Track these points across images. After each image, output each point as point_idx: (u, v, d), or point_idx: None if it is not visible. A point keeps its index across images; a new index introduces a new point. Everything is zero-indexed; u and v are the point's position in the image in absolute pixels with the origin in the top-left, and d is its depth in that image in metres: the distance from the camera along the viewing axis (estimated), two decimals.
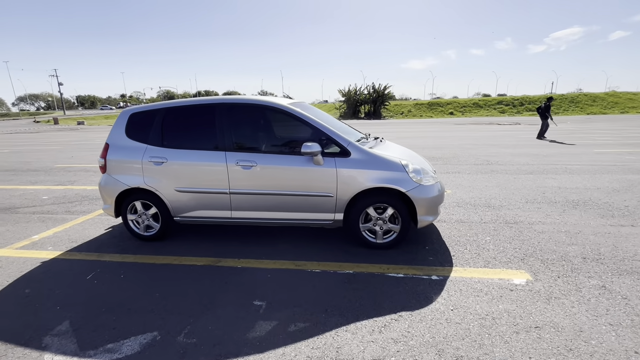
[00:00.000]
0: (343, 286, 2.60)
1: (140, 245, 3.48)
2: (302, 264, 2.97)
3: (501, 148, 10.23)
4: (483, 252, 3.10)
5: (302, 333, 2.08)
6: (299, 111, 3.18)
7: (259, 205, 3.25)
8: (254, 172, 3.16)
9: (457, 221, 3.92)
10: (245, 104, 3.29)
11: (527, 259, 2.94)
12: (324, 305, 2.37)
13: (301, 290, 2.57)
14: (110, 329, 2.17)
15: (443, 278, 2.68)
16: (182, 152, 3.31)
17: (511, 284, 2.56)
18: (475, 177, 6.25)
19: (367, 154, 3.08)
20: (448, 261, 2.95)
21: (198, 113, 3.37)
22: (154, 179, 3.35)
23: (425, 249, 3.22)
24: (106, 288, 2.68)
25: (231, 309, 2.35)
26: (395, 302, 2.37)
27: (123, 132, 3.48)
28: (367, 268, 2.87)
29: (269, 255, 3.15)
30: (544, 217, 3.96)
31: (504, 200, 4.71)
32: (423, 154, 9.23)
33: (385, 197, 3.06)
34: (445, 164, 7.76)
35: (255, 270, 2.90)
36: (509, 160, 7.92)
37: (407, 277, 2.70)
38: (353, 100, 39.21)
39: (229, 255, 3.19)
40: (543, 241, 3.29)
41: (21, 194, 5.85)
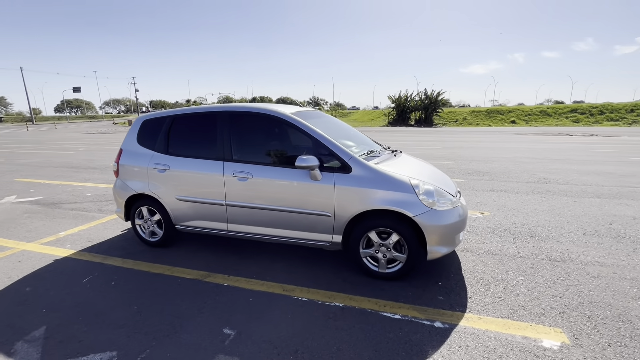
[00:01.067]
0: (326, 323, 2.27)
1: (144, 251, 3.51)
2: (291, 290, 2.69)
3: (566, 164, 8.85)
4: (510, 297, 2.52)
5: None
6: (299, 120, 2.93)
7: (254, 220, 3.06)
8: (249, 184, 2.98)
9: (487, 252, 3.32)
10: (244, 112, 3.14)
11: (569, 313, 2.30)
12: (296, 344, 2.06)
13: (279, 322, 2.30)
14: (76, 342, 2.11)
15: (449, 326, 2.19)
16: (183, 160, 3.26)
17: (538, 346, 2.00)
18: (525, 197, 5.39)
19: (371, 171, 2.71)
20: (461, 304, 2.44)
21: (201, 121, 3.31)
22: (157, 186, 3.35)
23: (437, 284, 2.73)
24: (94, 294, 2.69)
25: (197, 336, 2.16)
26: (379, 351, 1.98)
27: (135, 138, 3.56)
28: (361, 302, 2.49)
29: (260, 275, 2.93)
30: (604, 257, 3.17)
31: (555, 229, 3.91)
32: (468, 167, 8.38)
33: (390, 221, 2.65)
34: (492, 179, 6.88)
35: (240, 291, 2.70)
36: (573, 179, 6.76)
37: (404, 320, 2.27)
38: (403, 106, 37.83)
39: (221, 270, 3.03)
40: (597, 290, 2.59)
41: (72, 190, 6.45)
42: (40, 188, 6.66)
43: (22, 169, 9.14)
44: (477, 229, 3.96)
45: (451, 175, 7.36)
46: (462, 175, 7.32)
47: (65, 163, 10.12)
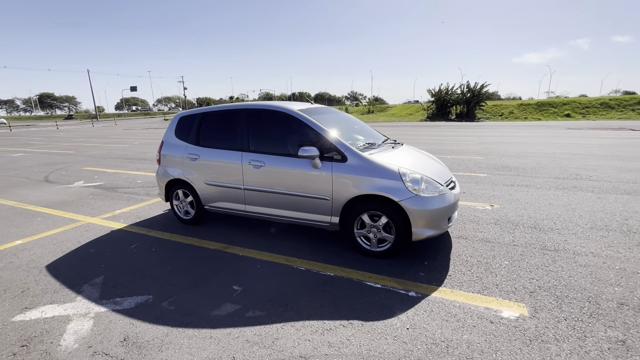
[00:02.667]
0: (316, 287, 2.70)
1: (180, 227, 4.18)
2: (293, 261, 3.16)
3: (610, 160, 8.29)
4: (487, 277, 2.75)
5: (254, 320, 2.29)
6: (304, 116, 3.36)
7: (266, 202, 3.56)
8: (262, 171, 3.48)
9: (481, 240, 3.50)
10: (259, 110, 3.63)
11: (539, 293, 2.50)
12: (288, 300, 2.52)
13: (278, 283, 2.77)
14: (124, 287, 2.77)
15: (421, 296, 2.51)
16: (211, 150, 3.85)
17: (496, 315, 2.25)
18: (546, 192, 5.32)
19: (364, 160, 3.06)
20: (439, 280, 2.73)
21: (226, 117, 3.87)
22: (190, 172, 3.99)
23: (423, 264, 3.02)
24: (139, 256, 3.37)
25: (213, 289, 2.71)
26: (355, 310, 2.37)
27: (173, 132, 4.24)
28: (349, 274, 2.88)
29: (270, 248, 3.43)
30: (602, 249, 3.21)
31: (562, 222, 3.94)
32: (497, 162, 8.22)
33: (380, 205, 2.99)
34: (517, 175, 6.76)
35: (251, 260, 3.21)
36: (609, 176, 6.42)
37: (383, 289, 2.63)
38: (443, 100, 36.49)
39: (238, 243, 3.58)
40: (578, 276, 2.72)
41: (126, 177, 7.52)
42: (102, 175, 7.83)
43: (89, 160, 10.64)
44: (480, 219, 4.11)
45: (476, 170, 7.34)
46: (487, 170, 7.25)
47: (122, 155, 11.54)
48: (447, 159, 8.90)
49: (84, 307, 2.50)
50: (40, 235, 4.03)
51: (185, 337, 2.14)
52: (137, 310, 2.45)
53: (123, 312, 2.42)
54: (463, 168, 7.61)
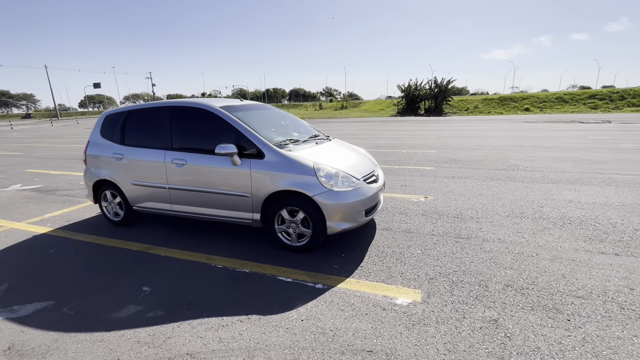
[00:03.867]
0: (228, 284, 2.71)
1: (109, 229, 4.06)
2: (213, 259, 3.15)
3: (550, 151, 8.84)
4: (395, 267, 2.87)
5: (153, 320, 2.27)
6: (225, 113, 3.34)
7: (190, 201, 3.52)
8: (184, 169, 3.43)
9: (404, 231, 3.65)
10: (181, 107, 3.58)
11: (437, 279, 2.64)
12: (193, 298, 2.52)
13: (190, 282, 2.76)
14: (26, 294, 2.66)
15: (327, 287, 2.59)
16: (135, 149, 3.75)
17: (390, 302, 2.36)
18: (481, 183, 5.60)
19: (281, 157, 3.10)
20: (349, 271, 2.82)
21: (149, 115, 3.78)
22: (116, 173, 3.87)
23: (340, 256, 3.11)
24: (54, 261, 3.24)
25: (122, 292, 2.65)
26: (257, 305, 2.40)
27: (99, 131, 4.09)
28: (265, 269, 2.91)
29: (194, 248, 3.40)
30: (510, 235, 3.43)
31: (484, 212, 4.17)
32: (447, 155, 8.54)
33: (297, 201, 3.04)
34: (462, 167, 7.06)
35: (173, 260, 3.18)
36: (543, 167, 6.85)
37: (293, 283, 2.68)
38: (412, 96, 37.37)
39: (163, 244, 3.52)
40: (478, 262, 2.90)
41: (69, 179, 7.17)
42: (44, 178, 7.42)
43: (35, 161, 10.04)
44: (409, 211, 4.28)
45: (425, 163, 7.59)
46: (435, 164, 7.52)
47: (73, 155, 10.98)
48: (403, 153, 9.16)
49: None
50: None
51: (75, 341, 2.10)
52: (33, 317, 2.36)
53: (16, 320, 2.33)
54: (414, 162, 7.85)
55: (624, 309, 2.19)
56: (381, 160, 8.08)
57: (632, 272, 2.64)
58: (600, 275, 2.61)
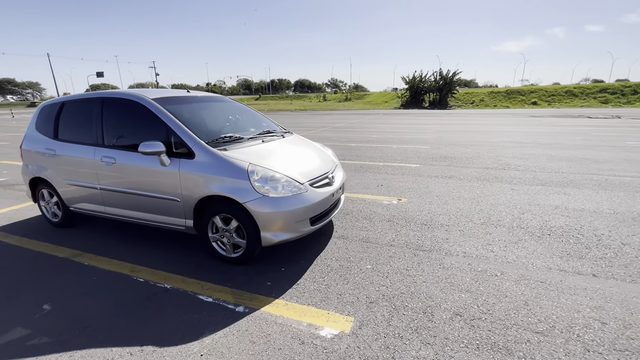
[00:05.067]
0: (141, 303, 2.37)
1: (47, 230, 3.74)
2: (138, 270, 2.81)
3: (548, 149, 8.32)
4: (336, 285, 2.50)
5: (32, 349, 1.95)
6: (156, 105, 2.96)
7: (121, 203, 3.18)
8: (114, 168, 3.08)
9: (361, 240, 3.27)
10: (113, 98, 3.21)
11: (378, 304, 2.27)
12: (92, 321, 2.18)
13: (102, 299, 2.43)
14: None
15: (248, 311, 2.23)
16: (66, 145, 3.41)
17: (313, 334, 2.00)
18: (464, 184, 5.17)
19: (214, 157, 2.72)
20: (281, 290, 2.46)
21: (82, 107, 3.42)
22: (48, 170, 3.54)
23: (280, 270, 2.75)
24: None
25: (17, 309, 2.34)
26: (162, 332, 2.06)
27: (34, 124, 3.74)
28: (190, 285, 2.57)
29: (125, 256, 3.06)
30: (477, 247, 3.04)
31: (457, 218, 3.76)
32: (438, 152, 8.08)
33: (229, 207, 2.68)
34: (450, 165, 6.62)
35: (94, 270, 2.85)
36: (536, 166, 6.37)
37: (213, 304, 2.33)
38: (417, 88, 36.49)
39: (95, 251, 3.20)
40: (431, 281, 2.51)
41: None
42: (14, 170, 7.15)
43: (16, 152, 9.81)
44: (375, 216, 3.89)
45: (412, 160, 7.16)
46: (423, 161, 7.08)
47: None
48: (392, 149, 8.71)
49: None
50: None
51: None
52: None
53: None
54: (401, 158, 7.42)
55: (588, 350, 1.80)
56: (367, 157, 7.66)
57: (607, 300, 2.23)
58: (570, 303, 2.21)
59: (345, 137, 11.63)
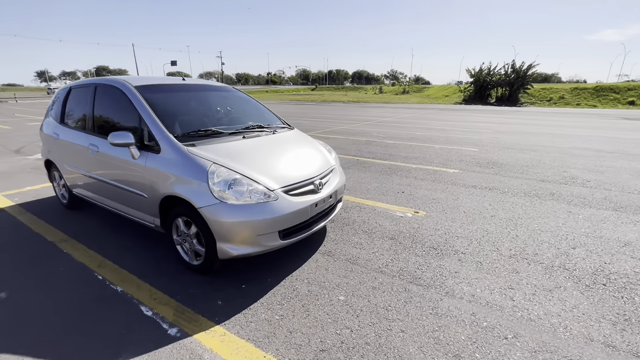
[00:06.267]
0: (85, 305, 2.22)
1: (57, 211, 3.89)
2: (105, 265, 2.69)
3: (636, 161, 6.68)
4: (292, 318, 2.07)
5: None
6: (134, 93, 2.77)
7: (104, 193, 3.10)
8: (97, 156, 3.00)
9: (347, 260, 2.76)
10: (102, 84, 3.12)
11: (330, 355, 1.79)
12: (32, 319, 2.07)
13: (54, 295, 2.33)
14: None
15: (179, 336, 1.93)
16: (67, 130, 3.44)
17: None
18: (506, 200, 4.27)
19: (178, 152, 2.44)
20: (227, 315, 2.11)
21: (82, 93, 3.40)
22: (55, 153, 3.64)
23: (240, 287, 2.40)
24: None
25: None
26: (81, 346, 1.86)
27: (51, 108, 3.88)
28: (141, 290, 2.35)
29: (105, 247, 2.99)
30: (493, 292, 2.34)
31: (480, 245, 3.03)
32: (487, 156, 7.01)
33: (189, 211, 2.39)
34: (496, 174, 5.62)
35: (68, 258, 2.80)
36: (614, 183, 5.07)
37: (150, 319, 2.07)
38: (483, 82, 33.07)
39: (83, 239, 3.18)
40: (411, 334, 1.94)
41: None
42: None
43: None
44: (380, 229, 3.32)
45: (452, 164, 6.27)
46: (465, 166, 6.15)
47: None
48: (434, 149, 7.80)
49: None
50: None
51: None
52: None
53: None
54: (439, 161, 6.54)
55: None
56: (401, 156, 6.93)
57: None
58: None
59: (386, 132, 10.83)
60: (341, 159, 6.67)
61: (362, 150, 7.60)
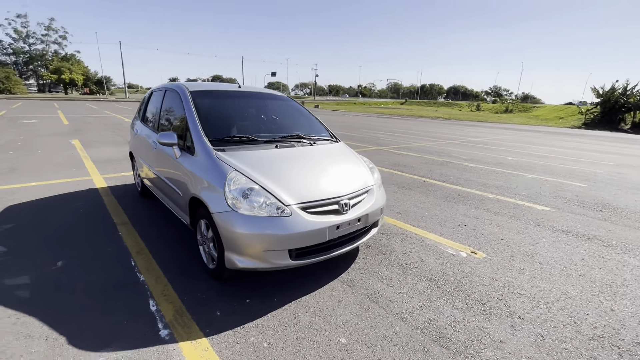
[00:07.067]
0: (109, 289, 2.41)
1: (132, 197, 4.48)
2: (142, 254, 2.91)
3: None
4: (280, 351, 1.86)
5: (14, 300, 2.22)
6: (187, 96, 2.99)
7: (160, 186, 3.39)
8: (155, 153, 3.32)
9: (369, 296, 2.40)
10: (168, 88, 3.46)
11: None
12: (70, 291, 2.33)
13: (93, 273, 2.60)
14: (28, 233, 3.15)
15: (167, 339, 1.91)
16: (143, 127, 3.93)
17: None
18: (612, 257, 3.25)
19: (207, 156, 2.50)
20: (220, 328, 2.01)
21: (156, 95, 3.84)
22: (133, 146, 4.20)
23: (244, 302, 2.30)
24: (65, 213, 3.76)
25: (43, 258, 2.77)
26: (83, 328, 1.99)
27: (139, 108, 4.51)
28: (156, 285, 2.44)
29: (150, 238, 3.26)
30: None
31: (553, 314, 2.30)
32: (599, 194, 5.76)
33: (209, 214, 2.40)
34: (604, 219, 4.39)
35: (118, 241, 3.13)
36: None
37: (151, 314, 2.12)
38: (614, 103, 27.20)
39: (139, 223, 3.55)
40: None
41: None
42: None
43: None
44: (420, 266, 2.84)
45: (541, 199, 5.19)
46: (562, 204, 4.99)
47: None
48: (525, 179, 6.60)
49: None
50: (43, 182, 4.97)
51: None
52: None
53: None
54: (527, 194, 5.46)
55: None
56: (478, 183, 6.03)
57: None
58: None
59: (469, 154, 9.67)
60: (404, 178, 6.15)
61: (434, 171, 6.89)
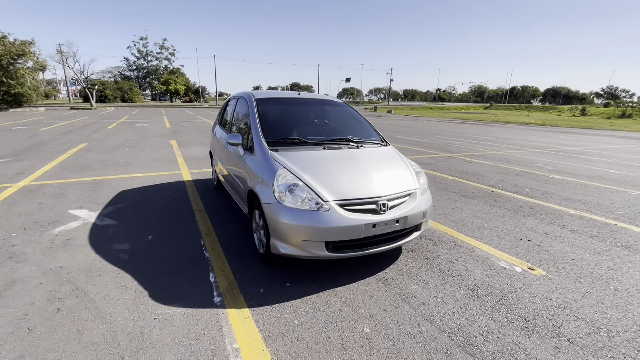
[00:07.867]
0: (180, 262, 2.94)
1: (210, 190, 5.22)
2: (210, 235, 3.44)
3: None
4: (305, 331, 2.07)
5: (117, 260, 2.89)
6: (253, 104, 3.44)
7: (228, 181, 3.93)
8: (226, 152, 3.87)
9: (401, 296, 2.45)
10: (239, 96, 3.98)
11: None
12: (150, 259, 2.94)
13: (172, 248, 3.20)
14: (133, 216, 4.04)
15: (219, 304, 2.29)
16: (219, 129, 4.59)
17: None
18: None
19: (263, 155, 2.88)
20: (260, 302, 2.32)
21: (232, 102, 4.44)
22: (212, 146, 4.91)
23: (284, 285, 2.57)
24: (159, 199, 4.62)
25: (138, 232, 3.50)
26: (153, 291, 2.50)
27: (219, 112, 5.24)
28: (217, 262, 2.90)
29: (221, 224, 3.82)
30: None
31: (614, 339, 2.04)
32: None
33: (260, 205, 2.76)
34: None
35: (193, 225, 3.75)
36: None
37: (209, 284, 2.54)
38: None
39: (212, 211, 4.18)
40: None
41: None
42: None
43: None
44: (464, 275, 2.75)
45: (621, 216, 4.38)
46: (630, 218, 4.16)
47: None
48: (628, 195, 5.62)
49: (88, 215, 3.92)
50: (146, 174, 6.11)
51: None
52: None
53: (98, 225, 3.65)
54: (622, 212, 4.67)
55: None
56: (559, 197, 5.36)
57: None
58: None
59: (558, 164, 8.50)
60: (469, 187, 5.80)
61: (506, 182, 6.31)
